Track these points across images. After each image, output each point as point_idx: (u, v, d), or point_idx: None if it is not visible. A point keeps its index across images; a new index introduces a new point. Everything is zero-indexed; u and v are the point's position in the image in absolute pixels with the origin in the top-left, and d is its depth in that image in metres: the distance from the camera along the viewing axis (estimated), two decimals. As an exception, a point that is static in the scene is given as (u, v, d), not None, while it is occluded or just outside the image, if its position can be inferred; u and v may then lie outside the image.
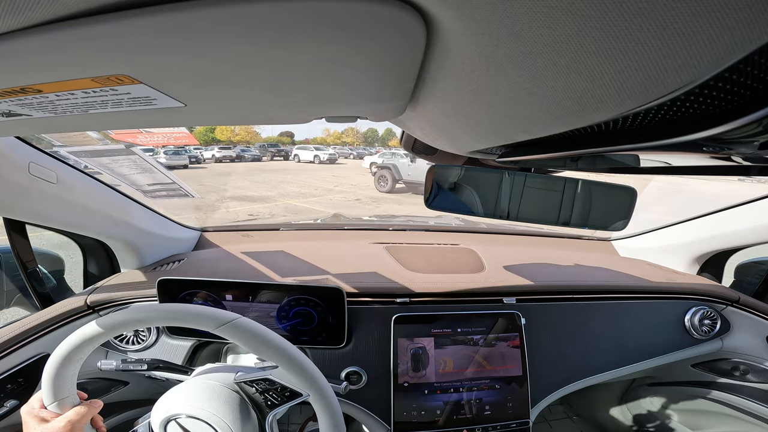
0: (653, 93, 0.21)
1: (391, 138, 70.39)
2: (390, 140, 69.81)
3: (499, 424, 0.95)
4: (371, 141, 70.43)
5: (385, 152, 13.10)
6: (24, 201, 0.80)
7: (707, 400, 1.34)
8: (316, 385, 0.64)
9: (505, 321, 1.00)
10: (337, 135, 69.24)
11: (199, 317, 0.61)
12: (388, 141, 69.27)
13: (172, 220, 1.31)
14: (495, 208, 0.77)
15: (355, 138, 69.70)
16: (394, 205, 9.40)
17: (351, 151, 30.10)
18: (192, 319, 0.62)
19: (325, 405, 0.64)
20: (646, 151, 0.35)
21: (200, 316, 0.61)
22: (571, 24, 0.18)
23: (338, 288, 0.91)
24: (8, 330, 0.87)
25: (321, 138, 69.76)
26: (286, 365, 0.63)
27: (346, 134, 69.26)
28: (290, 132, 61.64)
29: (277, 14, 0.24)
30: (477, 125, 0.43)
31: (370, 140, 70.83)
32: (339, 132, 69.71)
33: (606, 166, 0.55)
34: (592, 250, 1.61)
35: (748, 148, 0.25)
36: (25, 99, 0.36)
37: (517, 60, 0.24)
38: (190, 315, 0.62)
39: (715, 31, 0.15)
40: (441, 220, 2.00)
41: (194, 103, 0.41)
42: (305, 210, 8.26)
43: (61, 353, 0.63)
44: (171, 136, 3.19)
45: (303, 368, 0.63)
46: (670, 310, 1.17)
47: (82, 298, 0.98)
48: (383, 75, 0.35)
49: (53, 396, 0.64)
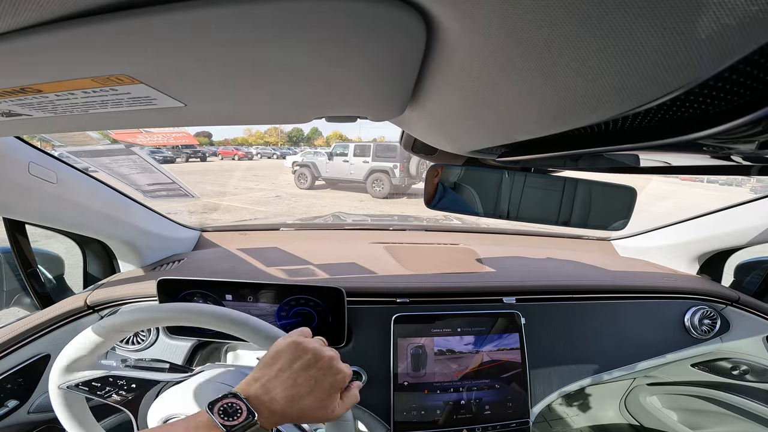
0: (653, 93, 0.21)
1: (316, 137, 66.11)
2: (316, 139, 65.92)
3: (499, 424, 0.95)
4: (296, 140, 66.00)
5: (308, 151, 13.24)
6: (24, 201, 0.80)
7: (707, 400, 1.34)
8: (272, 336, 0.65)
9: (504, 321, 1.00)
10: (260, 135, 64.96)
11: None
12: (314, 140, 65.57)
13: (171, 220, 1.31)
14: (495, 208, 0.77)
15: (279, 137, 66.11)
16: (313, 199, 9.72)
17: (274, 151, 28.88)
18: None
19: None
20: (646, 150, 0.35)
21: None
22: (570, 24, 0.18)
23: (338, 288, 0.91)
24: (8, 330, 0.87)
25: (242, 138, 66.10)
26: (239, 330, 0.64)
27: (269, 134, 65.08)
28: (207, 132, 54.84)
29: (276, 14, 0.24)
30: (477, 125, 0.43)
31: (295, 140, 66.28)
32: (262, 132, 65.17)
33: (606, 165, 0.55)
34: (592, 249, 1.61)
35: (748, 147, 0.25)
36: (25, 99, 0.36)
37: (516, 60, 0.24)
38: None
39: (715, 31, 0.15)
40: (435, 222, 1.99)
41: (194, 103, 0.41)
42: (227, 208, 8.32)
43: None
44: (171, 136, 3.19)
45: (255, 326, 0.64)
46: (669, 310, 1.17)
47: (82, 297, 0.98)
48: (383, 75, 0.35)
49: None
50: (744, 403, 1.22)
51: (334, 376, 0.53)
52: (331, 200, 9.67)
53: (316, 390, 0.52)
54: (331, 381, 0.53)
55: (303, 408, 0.50)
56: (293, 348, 0.54)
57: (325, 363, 0.53)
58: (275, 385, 0.50)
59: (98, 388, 0.65)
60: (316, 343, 0.56)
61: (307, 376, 0.52)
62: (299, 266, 1.17)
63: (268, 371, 0.52)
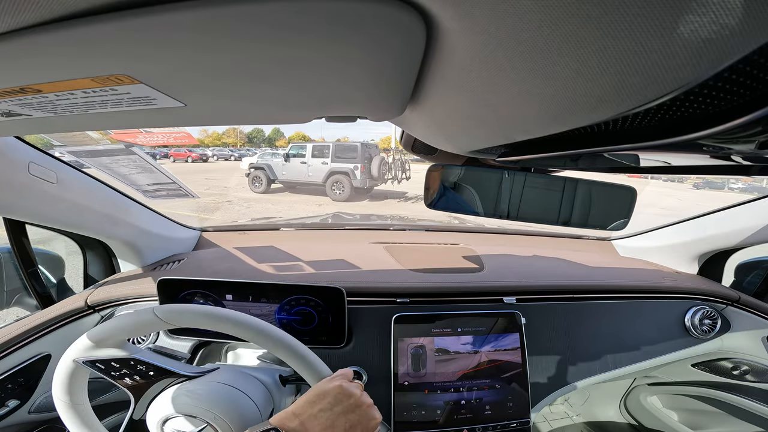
0: (653, 93, 0.21)
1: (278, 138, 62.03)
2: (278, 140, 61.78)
3: (500, 424, 0.95)
4: (257, 141, 63.73)
5: (264, 152, 12.43)
6: (24, 201, 0.80)
7: (707, 400, 1.34)
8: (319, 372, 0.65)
9: (505, 320, 1.00)
10: (217, 136, 62.15)
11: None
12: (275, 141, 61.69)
13: (172, 220, 1.31)
14: (495, 208, 0.77)
15: (238, 138, 62.33)
16: (267, 204, 9.06)
17: (232, 153, 27.20)
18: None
19: None
20: (646, 150, 0.35)
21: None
22: (570, 24, 0.18)
23: (338, 288, 0.91)
24: (9, 330, 0.87)
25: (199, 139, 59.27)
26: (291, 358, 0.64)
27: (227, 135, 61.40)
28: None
29: (276, 14, 0.24)
30: (477, 125, 0.43)
31: (255, 141, 63.96)
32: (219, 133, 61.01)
33: (606, 165, 0.55)
34: (592, 249, 1.61)
35: (748, 147, 0.25)
36: (25, 99, 0.36)
37: (516, 60, 0.24)
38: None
39: (715, 31, 0.15)
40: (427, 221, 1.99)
41: (194, 103, 0.41)
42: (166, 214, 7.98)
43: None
44: (171, 136, 3.19)
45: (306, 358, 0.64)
46: (670, 310, 1.17)
47: (83, 297, 0.98)
48: (383, 75, 0.34)
49: None
50: (744, 403, 1.21)
51: (368, 422, 0.57)
52: (288, 205, 9.07)
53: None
54: (364, 426, 0.57)
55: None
56: (337, 392, 0.57)
57: (364, 410, 0.58)
58: (314, 424, 0.53)
59: (115, 368, 0.65)
60: (357, 389, 0.60)
61: (345, 419, 0.55)
62: (299, 266, 1.17)
63: (309, 409, 0.55)
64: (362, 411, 0.57)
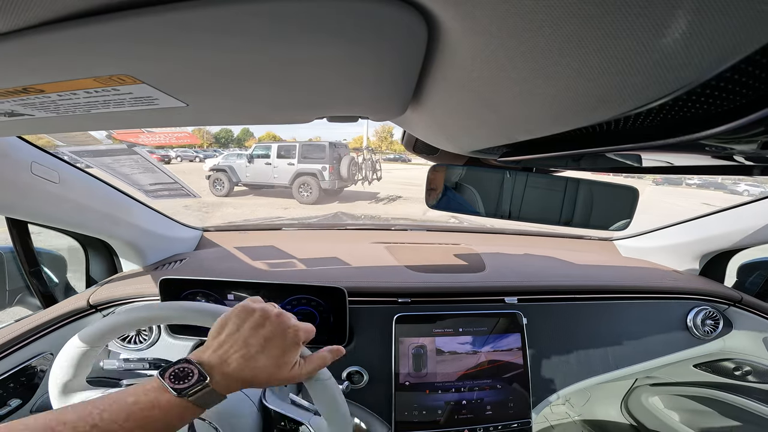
0: (654, 93, 0.21)
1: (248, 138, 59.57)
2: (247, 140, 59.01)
3: (501, 424, 0.95)
4: (225, 142, 60.30)
5: (230, 153, 11.56)
6: (26, 201, 0.81)
7: (708, 401, 1.33)
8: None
9: (506, 321, 1.00)
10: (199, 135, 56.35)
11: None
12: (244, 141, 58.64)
13: (173, 220, 1.32)
14: (496, 208, 0.77)
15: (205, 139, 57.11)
16: (230, 209, 8.57)
17: (197, 154, 25.10)
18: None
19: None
20: (648, 150, 0.35)
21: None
22: (571, 24, 0.18)
23: (340, 288, 0.91)
24: (12, 329, 0.87)
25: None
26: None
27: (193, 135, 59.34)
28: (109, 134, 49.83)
29: (278, 14, 0.24)
30: (478, 125, 0.43)
31: (223, 141, 60.87)
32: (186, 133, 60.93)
33: (608, 165, 0.55)
34: (594, 249, 1.61)
35: (750, 147, 0.25)
36: (28, 99, 0.37)
37: (518, 60, 0.24)
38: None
39: (717, 32, 0.15)
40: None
41: (196, 103, 0.41)
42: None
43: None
44: (173, 136, 3.19)
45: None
46: (672, 310, 1.17)
47: (85, 297, 0.98)
48: (385, 75, 0.35)
49: None
50: (746, 404, 1.21)
51: (285, 331, 0.52)
52: (251, 209, 8.60)
53: (269, 348, 0.51)
54: (281, 336, 0.52)
55: (257, 368, 0.49)
56: (239, 311, 0.53)
57: (274, 320, 0.53)
58: (226, 348, 0.50)
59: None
60: (259, 302, 0.56)
61: (257, 336, 0.51)
62: (301, 266, 1.17)
63: (218, 338, 0.51)
64: (273, 321, 0.52)
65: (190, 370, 0.47)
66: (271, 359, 0.50)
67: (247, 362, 0.49)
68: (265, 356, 0.50)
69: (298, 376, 0.53)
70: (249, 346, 0.50)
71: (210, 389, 0.46)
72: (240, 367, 0.49)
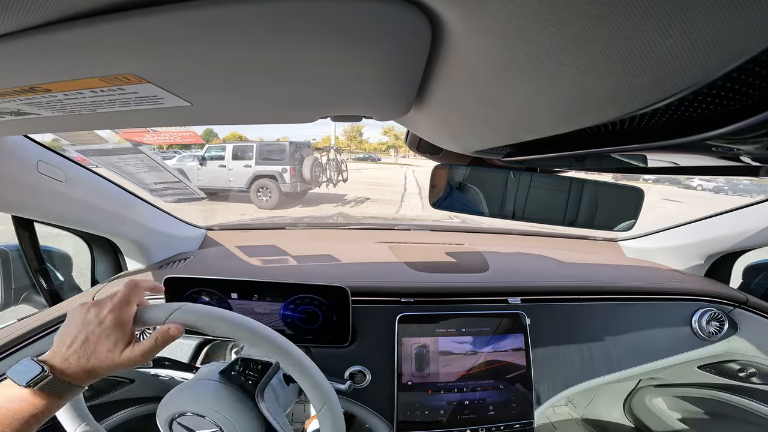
0: (660, 93, 0.20)
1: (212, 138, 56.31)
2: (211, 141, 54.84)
3: (503, 425, 0.94)
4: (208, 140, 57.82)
5: (184, 155, 10.64)
6: (32, 199, 0.81)
7: (713, 402, 1.32)
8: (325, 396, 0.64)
9: (509, 321, 1.00)
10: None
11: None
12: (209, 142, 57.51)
13: (178, 219, 1.32)
14: (500, 208, 0.77)
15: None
16: (179, 214, 7.64)
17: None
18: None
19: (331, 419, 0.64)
20: (654, 151, 0.35)
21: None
22: (577, 24, 0.18)
23: (343, 287, 0.91)
24: (16, 327, 0.88)
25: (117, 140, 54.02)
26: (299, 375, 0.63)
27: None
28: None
29: (282, 14, 0.24)
30: (482, 125, 0.43)
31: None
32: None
33: (613, 166, 0.54)
34: (598, 250, 1.60)
35: (757, 148, 0.24)
36: (34, 98, 0.37)
37: (522, 60, 0.24)
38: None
39: (724, 32, 0.15)
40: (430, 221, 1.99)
41: (200, 103, 0.41)
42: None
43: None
44: (178, 135, 3.22)
45: (315, 380, 0.63)
46: (676, 312, 1.16)
47: (90, 295, 0.99)
48: (389, 74, 0.35)
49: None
50: (751, 406, 1.20)
51: (102, 318, 0.56)
52: (202, 215, 7.70)
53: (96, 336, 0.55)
54: (99, 324, 0.56)
55: (93, 356, 0.55)
56: (72, 310, 0.58)
57: (93, 311, 0.57)
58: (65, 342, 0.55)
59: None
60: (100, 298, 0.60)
61: (86, 328, 0.56)
62: (304, 265, 1.17)
63: (59, 336, 0.56)
64: (92, 312, 0.57)
65: (32, 365, 0.52)
66: (102, 345, 0.55)
67: (83, 352, 0.54)
68: (96, 345, 0.55)
69: (133, 358, 0.57)
70: (79, 338, 0.55)
71: (53, 378, 0.52)
72: (78, 357, 0.54)
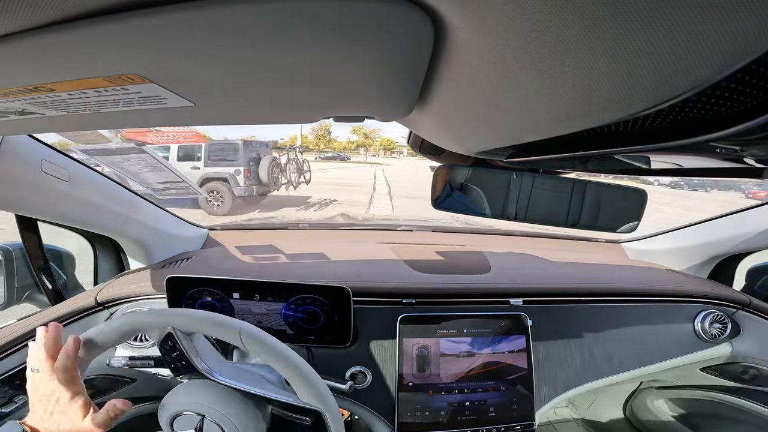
0: (664, 94, 0.20)
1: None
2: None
3: (504, 426, 0.94)
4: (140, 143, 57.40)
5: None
6: (36, 199, 0.81)
7: (716, 404, 1.32)
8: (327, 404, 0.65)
9: (511, 322, 1.00)
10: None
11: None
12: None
13: (180, 218, 1.32)
14: (503, 210, 0.77)
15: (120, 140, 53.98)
16: None
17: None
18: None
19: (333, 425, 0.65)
20: (657, 152, 0.35)
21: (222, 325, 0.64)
22: (580, 24, 0.18)
23: (344, 288, 0.91)
24: (19, 326, 0.88)
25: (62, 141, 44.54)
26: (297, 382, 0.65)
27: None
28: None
29: (284, 14, 0.24)
30: (485, 125, 0.43)
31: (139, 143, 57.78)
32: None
33: (616, 167, 0.54)
34: (601, 252, 1.60)
35: (761, 150, 0.24)
36: (38, 98, 0.37)
37: (525, 60, 0.24)
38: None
39: (728, 33, 0.15)
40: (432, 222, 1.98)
41: (203, 103, 0.41)
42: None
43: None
44: (181, 135, 3.25)
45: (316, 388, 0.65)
46: (679, 314, 1.16)
47: (92, 294, 0.99)
48: (391, 75, 0.35)
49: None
50: (753, 408, 1.20)
51: (50, 392, 0.59)
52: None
53: (51, 408, 0.58)
54: (48, 398, 0.58)
55: (57, 425, 0.57)
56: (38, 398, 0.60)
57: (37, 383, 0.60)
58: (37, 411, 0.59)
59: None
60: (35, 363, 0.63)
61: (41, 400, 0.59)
62: (306, 265, 1.17)
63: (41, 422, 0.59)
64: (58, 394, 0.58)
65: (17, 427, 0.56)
66: (61, 415, 0.57)
67: (52, 421, 0.57)
68: (60, 415, 0.57)
69: (96, 426, 0.58)
70: (38, 409, 0.58)
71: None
72: (51, 422, 0.57)
